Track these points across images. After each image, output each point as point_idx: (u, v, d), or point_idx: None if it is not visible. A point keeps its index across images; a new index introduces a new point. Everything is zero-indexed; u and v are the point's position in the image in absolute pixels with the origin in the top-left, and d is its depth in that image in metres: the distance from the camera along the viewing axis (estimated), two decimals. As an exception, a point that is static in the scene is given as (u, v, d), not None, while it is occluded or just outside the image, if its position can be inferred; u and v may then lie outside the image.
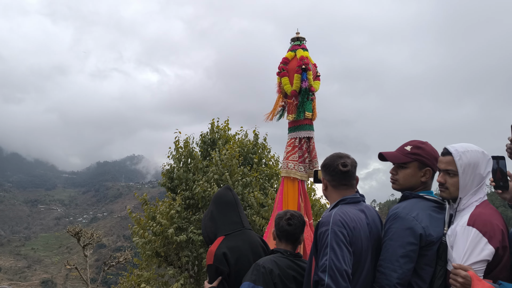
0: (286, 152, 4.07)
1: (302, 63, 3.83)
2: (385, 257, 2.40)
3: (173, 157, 12.59)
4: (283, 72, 4.01)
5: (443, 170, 2.41)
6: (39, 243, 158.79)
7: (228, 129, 13.51)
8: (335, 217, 2.42)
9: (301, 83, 3.84)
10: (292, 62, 3.97)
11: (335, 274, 2.25)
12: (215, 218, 3.06)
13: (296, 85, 3.86)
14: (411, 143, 2.68)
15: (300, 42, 4.11)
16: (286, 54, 4.09)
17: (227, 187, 3.23)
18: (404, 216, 2.42)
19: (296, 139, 4.05)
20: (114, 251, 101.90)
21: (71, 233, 18.57)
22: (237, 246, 2.90)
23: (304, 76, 3.83)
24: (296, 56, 3.96)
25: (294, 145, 4.04)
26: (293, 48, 4.08)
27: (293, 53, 4.02)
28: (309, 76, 3.81)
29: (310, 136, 4.06)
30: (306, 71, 3.81)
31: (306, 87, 3.83)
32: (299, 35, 4.10)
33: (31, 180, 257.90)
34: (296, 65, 3.88)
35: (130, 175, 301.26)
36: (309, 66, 3.86)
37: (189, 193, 11.62)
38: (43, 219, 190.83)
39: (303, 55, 3.92)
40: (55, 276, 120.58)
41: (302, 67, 3.82)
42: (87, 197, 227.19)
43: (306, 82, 3.82)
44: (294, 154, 4.01)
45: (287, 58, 4.04)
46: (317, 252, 2.43)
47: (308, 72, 3.82)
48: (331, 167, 2.67)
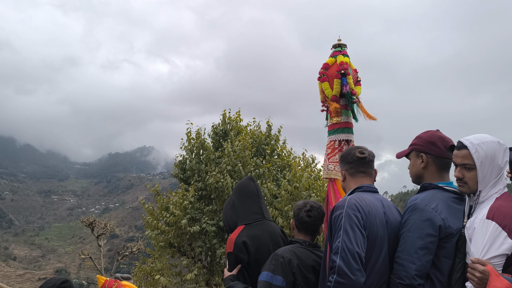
0: (326, 154, 4.16)
1: (342, 68, 3.91)
2: (403, 249, 2.37)
3: (185, 148, 12.67)
4: (323, 77, 4.09)
5: (459, 165, 2.36)
6: (52, 233, 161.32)
7: (240, 120, 13.52)
8: (350, 201, 2.42)
9: (341, 88, 3.92)
10: (332, 68, 4.04)
11: (347, 256, 2.23)
12: (236, 207, 3.09)
13: (336, 89, 3.93)
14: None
15: (341, 48, 4.17)
16: (327, 60, 4.17)
17: (250, 177, 3.24)
18: (423, 207, 2.39)
19: (335, 141, 4.11)
20: (126, 241, 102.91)
21: (85, 224, 18.79)
22: (258, 235, 2.92)
23: (344, 81, 3.90)
24: (336, 62, 4.03)
25: (334, 147, 4.11)
26: (334, 54, 4.14)
27: (333, 59, 4.09)
28: (349, 80, 3.87)
29: (350, 139, 4.13)
30: (345, 76, 3.88)
31: (348, 91, 3.90)
32: (341, 41, 4.18)
33: (44, 171, 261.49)
34: (336, 70, 3.96)
35: (141, 166, 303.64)
36: (348, 71, 3.93)
37: (201, 184, 11.69)
38: (56, 210, 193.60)
39: (343, 60, 3.99)
40: (68, 266, 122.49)
41: (341, 72, 3.89)
42: (99, 188, 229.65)
43: (347, 86, 3.88)
44: (334, 156, 4.07)
45: (327, 64, 4.11)
46: (331, 236, 2.43)
47: (348, 77, 3.89)
48: (349, 155, 2.73)
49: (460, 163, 2.35)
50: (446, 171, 2.63)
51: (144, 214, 12.14)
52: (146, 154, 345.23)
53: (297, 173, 10.13)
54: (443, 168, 2.62)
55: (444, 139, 2.65)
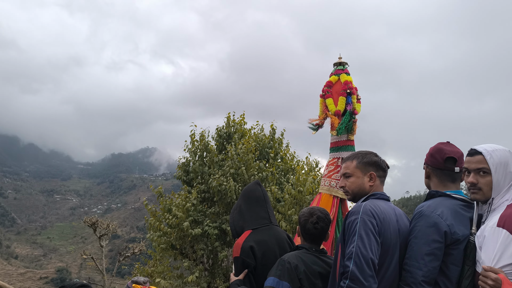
0: (329, 170, 4.29)
1: (347, 87, 4.12)
2: (410, 255, 2.38)
3: (189, 151, 12.67)
4: (327, 94, 4.29)
5: (474, 170, 2.34)
6: (54, 232, 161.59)
7: (244, 123, 13.52)
8: (366, 207, 2.42)
9: (346, 106, 4.13)
10: (336, 86, 4.24)
11: (361, 262, 2.23)
12: (243, 212, 3.08)
13: (341, 106, 4.12)
14: None
15: (343, 67, 4.38)
16: (329, 78, 4.37)
17: (257, 182, 3.24)
18: (428, 214, 2.41)
19: (338, 159, 4.26)
20: (128, 242, 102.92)
21: (88, 224, 18.82)
22: (264, 240, 2.91)
23: (349, 99, 4.11)
24: (340, 80, 4.24)
25: (336, 164, 4.25)
26: (336, 72, 4.34)
27: (336, 77, 4.29)
28: (353, 99, 4.09)
29: None
30: (351, 95, 4.10)
31: (351, 110, 4.11)
32: (342, 59, 4.38)
33: (47, 170, 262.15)
34: (341, 88, 4.17)
35: (144, 167, 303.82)
36: (353, 90, 4.14)
37: (204, 187, 11.69)
38: (59, 209, 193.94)
39: (347, 79, 4.20)
40: (70, 265, 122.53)
41: (347, 91, 4.10)
42: (101, 188, 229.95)
43: (350, 105, 4.09)
44: (337, 173, 4.18)
45: (331, 82, 4.31)
46: (344, 241, 2.42)
47: (352, 96, 4.10)
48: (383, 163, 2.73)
49: (475, 168, 2.34)
50: (450, 182, 2.61)
51: (147, 216, 12.15)
52: (149, 155, 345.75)
53: (301, 177, 10.12)
54: (444, 179, 2.62)
55: (441, 151, 2.64)
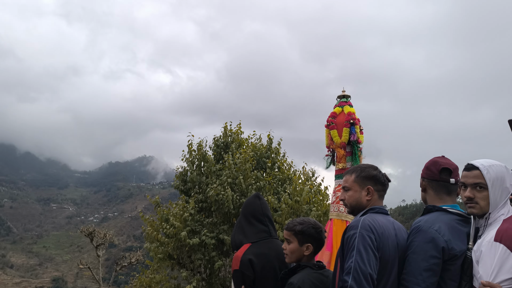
0: (336, 196, 4.40)
1: (350, 118, 4.31)
2: (408, 271, 2.37)
3: (187, 160, 12.67)
4: (332, 125, 4.46)
5: (470, 185, 2.35)
6: (50, 241, 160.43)
7: (241, 132, 13.54)
8: (364, 221, 2.41)
9: (349, 136, 4.28)
10: (340, 117, 4.43)
11: (359, 277, 2.23)
12: (243, 227, 3.09)
13: (345, 137, 4.28)
14: None
15: (346, 99, 4.58)
16: (334, 109, 4.57)
17: (256, 195, 3.23)
18: (426, 229, 2.40)
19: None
20: (124, 251, 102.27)
21: (85, 233, 18.72)
22: (264, 254, 2.91)
23: (352, 130, 4.29)
24: (344, 112, 4.43)
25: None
26: (340, 104, 4.56)
27: (340, 109, 4.49)
28: (356, 130, 4.26)
29: None
30: (354, 125, 4.28)
31: (355, 139, 4.26)
32: (345, 93, 4.57)
33: (44, 179, 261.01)
34: (344, 119, 4.35)
35: (141, 176, 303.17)
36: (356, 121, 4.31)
37: (202, 196, 11.67)
38: (55, 218, 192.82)
39: (351, 111, 4.40)
40: (65, 274, 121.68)
41: (350, 122, 4.28)
42: (98, 197, 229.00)
43: (354, 135, 4.27)
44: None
45: (335, 113, 4.50)
46: (343, 256, 2.41)
47: (355, 126, 4.28)
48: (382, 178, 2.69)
49: (472, 183, 2.35)
50: (446, 194, 2.62)
51: (143, 225, 12.10)
52: (145, 163, 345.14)
53: (297, 187, 10.13)
54: (440, 191, 2.63)
55: (437, 163, 2.66)
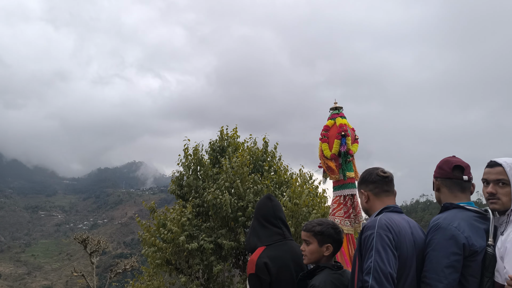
0: (332, 209, 4.51)
1: (342, 130, 4.37)
2: (429, 268, 2.41)
3: (183, 165, 12.61)
4: (324, 138, 4.54)
5: (493, 181, 2.45)
6: (39, 249, 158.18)
7: (237, 136, 13.53)
8: (381, 221, 2.45)
9: (340, 148, 4.35)
10: (332, 129, 4.50)
11: (380, 277, 2.26)
12: (257, 231, 3.05)
13: (335, 149, 4.36)
14: None
15: (338, 111, 4.64)
16: (326, 122, 4.63)
17: (268, 196, 3.18)
18: (445, 226, 2.45)
19: (340, 197, 4.48)
20: (115, 258, 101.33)
21: (78, 240, 18.51)
22: (279, 256, 2.88)
23: (343, 141, 4.34)
24: (336, 124, 4.49)
25: (339, 202, 4.47)
26: (332, 116, 4.62)
27: (332, 121, 4.55)
28: (347, 141, 4.32)
29: (354, 193, 4.52)
30: (345, 137, 4.34)
31: (344, 150, 4.33)
32: (337, 104, 4.64)
33: (31, 186, 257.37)
34: (336, 132, 4.40)
35: (131, 182, 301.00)
36: (347, 132, 4.37)
37: (199, 201, 11.63)
38: (44, 226, 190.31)
39: (342, 122, 4.45)
40: (55, 283, 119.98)
41: (341, 134, 4.34)
42: (87, 204, 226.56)
43: (344, 146, 4.33)
44: (340, 211, 4.43)
45: (327, 126, 4.57)
46: (361, 257, 2.44)
47: (347, 138, 4.33)
48: (371, 174, 2.75)
49: (495, 179, 2.45)
50: (460, 192, 2.68)
51: (140, 231, 12.01)
52: (135, 169, 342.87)
53: (296, 190, 10.14)
54: (454, 188, 2.68)
55: (448, 161, 2.73)
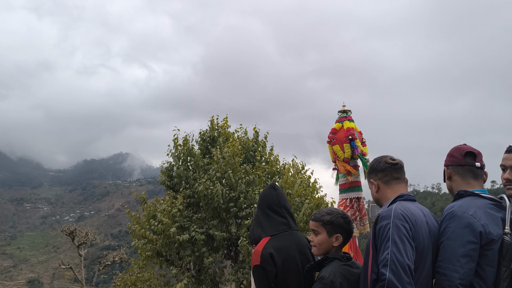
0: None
1: (349, 133, 4.39)
2: (444, 258, 2.31)
3: (172, 155, 12.42)
4: (333, 141, 4.55)
5: (511, 167, 2.38)
6: (25, 242, 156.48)
7: (228, 126, 13.37)
8: (396, 210, 2.32)
9: (352, 151, 4.36)
10: (340, 133, 4.51)
11: (397, 269, 2.14)
12: (261, 221, 2.93)
13: (348, 153, 4.36)
14: None
15: (346, 114, 4.63)
16: (334, 125, 4.64)
17: (272, 185, 3.05)
18: (461, 214, 2.35)
19: (347, 199, 4.52)
20: (102, 250, 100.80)
21: (66, 233, 18.22)
22: (284, 247, 2.76)
23: (353, 145, 4.36)
24: (343, 127, 4.49)
25: (345, 205, 4.50)
26: (340, 119, 4.62)
27: (340, 124, 4.56)
28: (357, 143, 4.33)
29: (359, 196, 4.57)
30: (354, 140, 4.35)
31: (359, 153, 4.34)
32: (345, 107, 4.63)
33: (16, 178, 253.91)
34: (344, 135, 4.43)
35: (118, 173, 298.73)
36: (355, 135, 4.40)
37: (190, 192, 11.47)
38: (29, 218, 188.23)
39: (349, 126, 4.46)
40: (41, 276, 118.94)
41: (349, 138, 4.37)
42: (73, 196, 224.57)
43: (357, 149, 4.35)
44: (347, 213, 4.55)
45: (335, 129, 4.58)
46: (376, 248, 2.32)
47: (356, 141, 4.35)
48: (380, 163, 2.63)
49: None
50: (473, 179, 2.58)
51: (130, 223, 11.81)
52: (121, 160, 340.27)
53: (288, 180, 10.04)
54: (466, 175, 2.58)
55: (460, 148, 2.64)
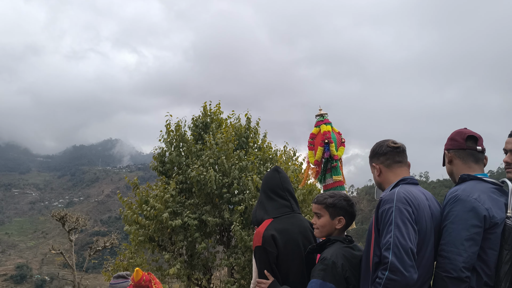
0: None
1: (325, 137, 4.63)
2: (447, 241, 2.32)
3: (165, 141, 12.36)
4: (310, 146, 4.80)
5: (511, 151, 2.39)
6: (13, 227, 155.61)
7: (220, 112, 13.31)
8: (399, 194, 2.32)
9: (323, 155, 4.63)
10: (318, 137, 4.73)
11: (400, 252, 2.16)
12: (264, 204, 2.92)
13: (318, 156, 4.63)
14: None
15: (322, 117, 4.82)
16: (312, 130, 4.86)
17: (275, 168, 3.05)
18: (465, 198, 2.35)
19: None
20: (91, 236, 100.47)
21: (56, 218, 18.11)
22: (286, 229, 2.76)
23: (326, 148, 4.60)
24: (321, 131, 4.72)
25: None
26: (317, 124, 4.82)
27: (318, 129, 4.77)
28: (331, 148, 4.59)
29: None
30: (329, 144, 4.60)
31: (328, 157, 4.61)
32: (322, 111, 4.85)
33: (3, 164, 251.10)
34: (321, 139, 4.68)
35: (107, 159, 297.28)
36: (331, 139, 4.65)
37: (182, 177, 11.44)
38: (17, 203, 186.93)
39: (326, 130, 4.70)
40: (30, 261, 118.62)
41: (325, 142, 4.62)
42: (62, 181, 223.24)
43: (327, 153, 4.60)
44: None
45: (313, 134, 4.80)
46: (378, 232, 2.33)
47: (330, 145, 4.60)
48: (382, 147, 2.63)
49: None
50: (474, 163, 2.59)
51: (121, 208, 11.77)
52: (110, 147, 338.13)
53: (281, 166, 10.06)
54: (468, 159, 2.59)
55: (461, 132, 2.64)
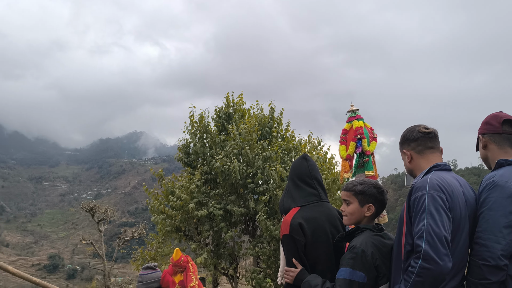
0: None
1: (358, 133, 4.69)
2: (484, 228, 2.23)
3: (189, 132, 12.45)
4: (342, 141, 4.86)
5: None
6: (45, 219, 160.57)
7: (243, 103, 13.31)
8: (432, 181, 2.24)
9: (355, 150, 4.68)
10: (350, 132, 4.80)
11: (434, 240, 2.08)
12: (291, 192, 2.89)
13: (351, 150, 4.69)
14: None
15: (354, 113, 4.87)
16: (345, 125, 4.95)
17: (303, 156, 2.99)
18: (503, 184, 2.26)
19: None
20: (119, 227, 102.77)
21: (85, 209, 18.58)
22: (314, 218, 2.71)
23: (358, 143, 4.66)
24: (353, 127, 4.78)
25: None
26: (349, 119, 4.91)
27: (350, 124, 4.84)
28: (363, 143, 4.66)
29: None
30: (361, 139, 4.67)
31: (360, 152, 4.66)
32: (353, 107, 4.89)
33: (34, 157, 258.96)
34: (353, 135, 4.74)
35: (132, 152, 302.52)
36: (363, 134, 4.70)
37: (207, 168, 11.52)
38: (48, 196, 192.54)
39: (358, 125, 4.76)
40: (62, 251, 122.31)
41: (357, 137, 4.67)
42: (90, 174, 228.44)
43: (359, 148, 4.67)
44: None
45: (345, 130, 4.88)
46: (410, 220, 2.26)
47: (363, 140, 4.67)
48: (413, 132, 2.54)
49: None
50: (510, 147, 2.48)
51: (148, 199, 11.96)
52: (136, 139, 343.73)
53: (306, 156, 10.00)
54: (504, 144, 2.49)
55: (497, 116, 2.53)
